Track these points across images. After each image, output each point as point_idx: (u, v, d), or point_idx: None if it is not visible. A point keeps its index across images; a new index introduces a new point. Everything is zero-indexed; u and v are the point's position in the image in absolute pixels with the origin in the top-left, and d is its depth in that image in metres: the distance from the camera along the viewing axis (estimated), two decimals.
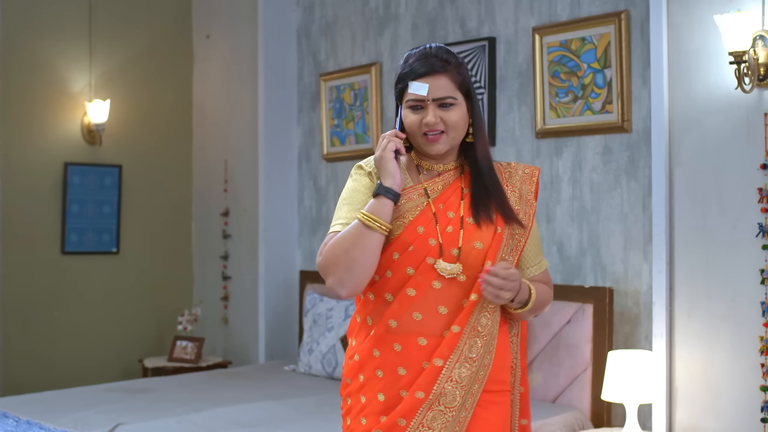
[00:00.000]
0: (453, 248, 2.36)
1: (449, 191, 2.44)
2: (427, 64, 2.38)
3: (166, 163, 6.72)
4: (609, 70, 4.40)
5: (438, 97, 2.37)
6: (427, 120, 2.37)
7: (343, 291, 2.34)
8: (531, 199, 2.48)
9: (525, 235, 2.44)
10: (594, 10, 4.51)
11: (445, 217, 2.39)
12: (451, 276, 2.35)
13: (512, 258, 2.42)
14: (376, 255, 2.34)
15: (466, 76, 2.42)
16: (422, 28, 5.35)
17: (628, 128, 4.36)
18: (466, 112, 2.41)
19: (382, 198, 2.35)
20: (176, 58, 6.77)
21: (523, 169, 2.52)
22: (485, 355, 2.35)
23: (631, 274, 4.33)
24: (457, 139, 2.41)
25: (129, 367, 6.46)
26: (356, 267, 2.32)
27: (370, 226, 2.32)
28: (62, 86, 6.22)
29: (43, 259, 6.16)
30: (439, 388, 2.30)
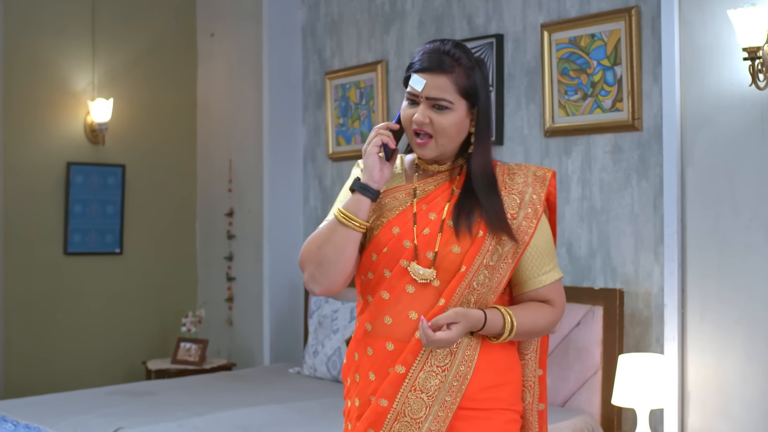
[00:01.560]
0: (429, 251, 2.25)
1: (437, 192, 2.33)
2: (432, 59, 2.26)
3: (170, 162, 6.65)
4: (619, 67, 4.32)
5: (431, 96, 2.24)
6: (415, 117, 2.26)
7: (316, 287, 2.31)
8: (538, 203, 2.30)
9: (523, 241, 2.27)
10: (604, 5, 4.43)
11: (426, 219, 2.28)
12: (423, 281, 2.24)
13: (503, 265, 2.24)
14: (350, 252, 2.28)
15: (475, 81, 2.26)
16: (429, 25, 5.27)
17: (638, 126, 4.27)
18: (463, 119, 2.26)
19: (357, 194, 2.29)
20: (180, 57, 6.71)
21: (535, 171, 2.35)
22: (459, 365, 2.22)
23: (642, 275, 4.24)
24: (447, 146, 2.28)
25: (132, 370, 6.39)
26: (326, 263, 2.27)
27: (343, 222, 2.27)
28: (65, 85, 6.16)
29: (45, 260, 6.10)
30: (403, 397, 2.22)
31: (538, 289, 2.30)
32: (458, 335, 2.16)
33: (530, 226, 2.27)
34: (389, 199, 2.34)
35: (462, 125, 2.27)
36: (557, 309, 2.33)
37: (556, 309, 2.32)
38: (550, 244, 2.32)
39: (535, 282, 2.30)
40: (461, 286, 2.21)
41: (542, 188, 2.32)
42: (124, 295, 6.43)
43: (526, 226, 2.27)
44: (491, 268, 2.23)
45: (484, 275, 2.22)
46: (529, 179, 2.32)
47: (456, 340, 2.16)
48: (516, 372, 2.33)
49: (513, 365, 2.33)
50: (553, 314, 2.31)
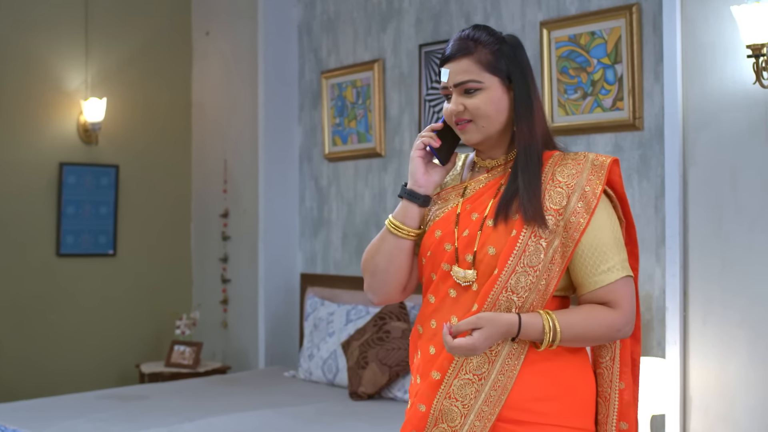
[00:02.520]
0: (468, 254, 2.15)
1: (484, 189, 2.21)
2: (452, 47, 2.18)
3: (164, 162, 6.58)
4: (620, 66, 4.24)
5: (458, 82, 2.15)
6: (450, 108, 2.18)
7: (373, 297, 2.32)
8: (591, 196, 2.09)
9: (573, 239, 2.09)
10: (604, 3, 4.35)
11: (468, 220, 2.18)
12: (466, 283, 2.14)
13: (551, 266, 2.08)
14: (400, 261, 2.26)
15: (502, 55, 2.14)
16: (426, 23, 5.19)
17: (639, 126, 4.19)
18: (500, 96, 2.14)
19: (404, 201, 2.25)
20: (175, 56, 6.63)
21: (593, 160, 2.15)
22: (498, 374, 2.09)
23: (643, 278, 4.16)
24: (490, 127, 2.16)
25: (125, 373, 6.32)
26: (379, 273, 2.27)
27: (391, 231, 2.24)
28: (57, 84, 6.09)
29: (37, 262, 6.02)
30: (439, 403, 2.12)
31: (595, 291, 2.10)
32: (483, 342, 2.03)
33: (580, 222, 2.08)
34: (440, 201, 2.27)
35: (500, 103, 2.15)
36: (620, 312, 2.10)
37: (618, 312, 2.10)
38: (610, 240, 2.11)
39: (591, 282, 2.10)
40: (494, 290, 2.08)
41: (599, 179, 2.12)
42: (117, 297, 6.34)
43: (576, 222, 2.09)
44: (534, 270, 2.08)
45: (526, 277, 2.07)
46: (584, 169, 2.13)
47: (481, 347, 2.03)
48: (580, 384, 2.16)
49: (574, 376, 2.15)
50: (612, 318, 2.10)
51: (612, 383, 2.19)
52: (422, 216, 2.26)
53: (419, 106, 5.16)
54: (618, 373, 2.19)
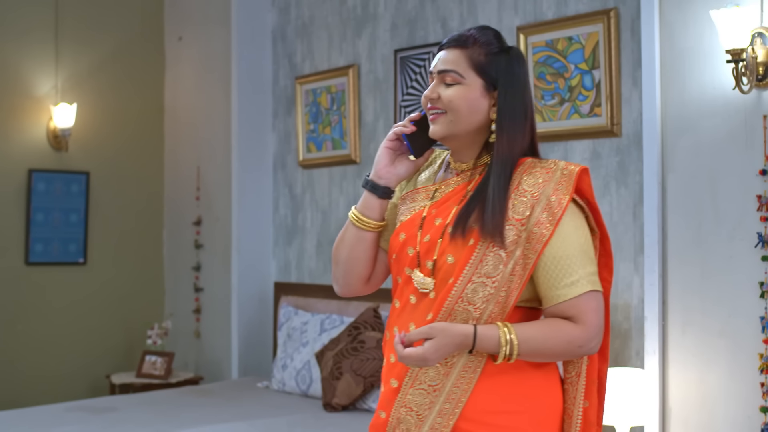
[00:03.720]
0: (428, 260, 2.10)
1: (451, 194, 2.16)
2: (453, 36, 2.16)
3: (136, 169, 6.47)
4: (597, 71, 4.19)
5: (441, 69, 2.13)
6: (425, 93, 2.15)
7: (336, 287, 2.31)
8: (557, 206, 2.02)
9: (535, 250, 2.02)
10: (581, 8, 4.30)
11: (431, 224, 2.12)
12: (424, 290, 2.09)
13: (512, 278, 2.02)
14: (360, 252, 2.24)
15: (496, 62, 2.10)
16: (402, 28, 5.13)
17: (617, 132, 4.14)
18: (477, 97, 2.10)
19: (365, 192, 2.22)
20: (147, 61, 6.53)
21: (563, 169, 2.07)
22: (453, 387, 2.04)
23: (621, 286, 4.10)
24: (458, 124, 2.11)
25: (96, 384, 6.20)
26: (341, 263, 2.27)
27: (353, 221, 2.24)
28: (26, 89, 5.98)
29: (5, 270, 5.91)
30: (396, 412, 2.09)
31: (558, 305, 2.02)
32: (434, 352, 1.97)
33: (543, 233, 2.01)
34: (409, 201, 2.23)
35: (475, 104, 2.11)
36: (583, 327, 2.01)
37: (582, 327, 2.01)
38: (576, 252, 2.03)
39: (554, 296, 2.03)
40: (450, 300, 2.03)
41: (566, 188, 2.04)
42: (87, 307, 6.23)
43: (538, 233, 2.02)
44: (493, 281, 2.01)
45: (483, 288, 2.01)
46: (552, 179, 2.06)
47: (433, 358, 1.97)
48: (545, 399, 2.10)
49: (539, 390, 2.08)
50: (573, 333, 2.01)
51: (576, 400, 2.12)
52: (384, 208, 2.24)
53: (395, 111, 5.09)
54: (583, 390, 2.12)
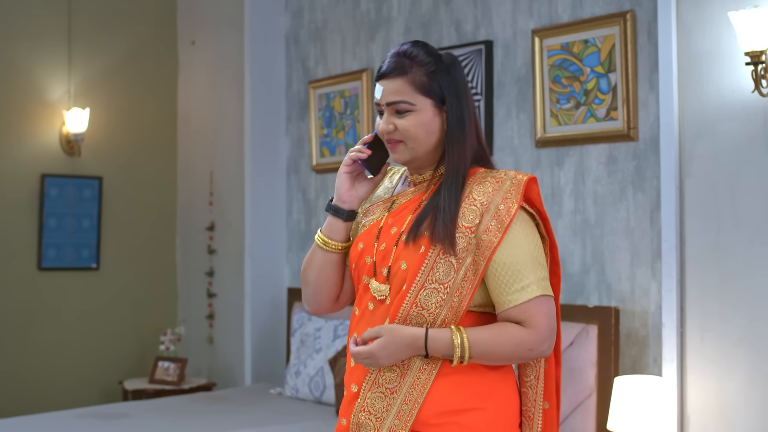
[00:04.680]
0: (384, 267, 2.17)
1: (407, 204, 2.23)
2: (389, 64, 2.18)
3: (149, 174, 6.44)
4: (614, 74, 4.13)
5: (390, 101, 2.17)
6: (380, 127, 2.20)
7: (307, 307, 2.38)
8: (505, 214, 2.09)
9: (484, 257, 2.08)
10: (597, 10, 4.24)
11: (387, 233, 2.20)
12: (381, 297, 2.17)
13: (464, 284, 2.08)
14: (328, 274, 2.30)
15: (437, 77, 2.16)
16: (415, 32, 5.08)
17: (634, 136, 4.08)
18: (431, 118, 2.16)
19: (329, 216, 2.30)
20: (160, 65, 6.51)
21: (512, 178, 2.15)
22: (410, 388, 2.10)
23: (638, 293, 4.04)
24: (419, 149, 2.18)
25: (108, 390, 6.17)
26: (310, 285, 2.33)
27: (319, 245, 2.30)
28: (39, 94, 5.96)
29: (18, 276, 5.89)
30: (356, 417, 2.15)
31: (508, 310, 2.09)
32: (381, 349, 2.07)
33: (492, 240, 2.08)
34: (370, 213, 2.31)
35: (430, 125, 2.17)
36: (533, 331, 2.07)
37: (532, 331, 2.07)
38: (526, 258, 2.10)
39: (504, 301, 2.09)
40: (404, 305, 2.10)
41: (515, 197, 2.12)
42: (100, 312, 6.20)
43: (488, 240, 2.08)
44: (445, 287, 2.09)
45: (436, 294, 2.09)
46: (501, 187, 2.13)
47: (382, 356, 2.07)
48: (501, 396, 2.15)
49: (495, 388, 2.14)
50: (522, 336, 2.07)
51: (536, 402, 2.20)
52: (349, 230, 2.30)
53: None
54: (542, 392, 2.21)
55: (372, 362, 2.08)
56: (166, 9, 6.54)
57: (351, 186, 2.28)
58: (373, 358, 2.07)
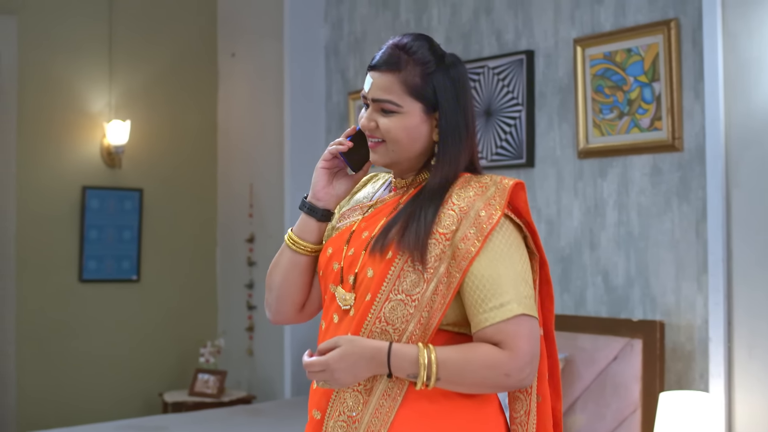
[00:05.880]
0: (350, 274, 1.94)
1: (382, 208, 2.01)
2: (383, 55, 1.97)
3: (190, 186, 6.44)
4: (658, 84, 4.05)
5: (376, 98, 1.96)
6: (361, 121, 1.99)
7: (269, 314, 2.16)
8: (486, 221, 1.85)
9: (460, 268, 1.85)
10: (640, 18, 4.17)
11: (358, 238, 1.98)
12: (346, 307, 1.93)
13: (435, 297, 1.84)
14: (296, 277, 2.07)
15: (434, 81, 1.94)
16: (456, 42, 5.03)
17: (679, 146, 4.00)
18: (418, 124, 1.94)
19: (303, 214, 2.09)
20: (200, 77, 6.51)
21: (497, 183, 1.91)
22: (372, 418, 1.85)
23: (684, 306, 3.95)
24: (400, 153, 1.97)
25: (149, 402, 6.17)
26: (274, 289, 2.10)
27: (288, 245, 2.09)
28: (80, 106, 5.98)
29: (59, 288, 5.90)
30: None
31: (484, 329, 1.83)
32: (338, 361, 1.81)
33: (470, 249, 1.84)
34: (346, 217, 2.08)
35: (416, 132, 1.95)
36: (511, 354, 1.81)
37: (509, 354, 1.82)
38: (508, 273, 1.85)
39: (480, 320, 1.83)
40: (369, 319, 1.87)
41: (498, 203, 1.88)
42: (141, 324, 6.21)
43: (464, 249, 1.84)
44: (413, 300, 1.85)
45: (403, 308, 1.85)
46: (486, 192, 1.90)
47: (338, 368, 1.81)
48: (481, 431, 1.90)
49: (471, 422, 1.88)
50: (497, 357, 1.82)
51: None
52: (322, 231, 2.09)
53: None
54: (533, 426, 1.94)
55: (328, 377, 1.83)
56: (207, 21, 6.55)
57: (328, 183, 2.06)
58: (329, 371, 1.82)
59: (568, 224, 4.42)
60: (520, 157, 4.62)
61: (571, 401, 4.10)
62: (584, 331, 4.19)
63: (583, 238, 4.35)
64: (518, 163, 4.63)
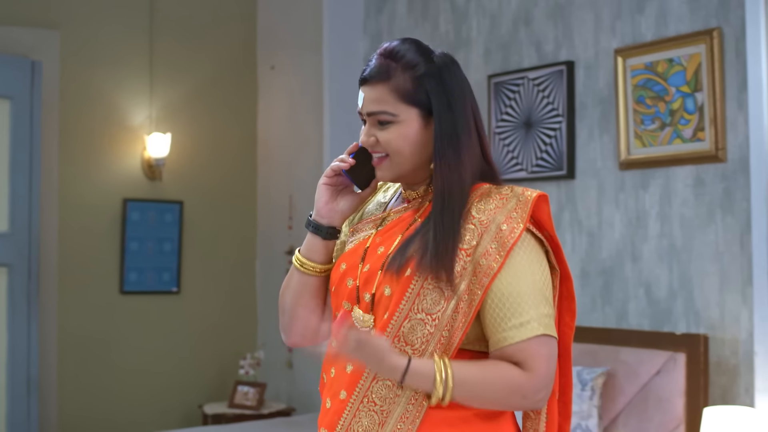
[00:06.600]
0: (367, 292, 1.87)
1: (397, 221, 1.94)
2: (371, 68, 1.92)
3: (229, 198, 6.46)
4: (700, 94, 4.00)
5: (370, 111, 1.89)
6: (361, 139, 1.94)
7: (284, 337, 2.10)
8: (509, 235, 1.79)
9: (482, 284, 1.79)
10: (682, 28, 4.12)
11: (374, 254, 1.91)
12: (364, 328, 1.85)
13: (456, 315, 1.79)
14: (308, 299, 2.01)
15: (424, 83, 1.88)
16: (495, 53, 5.01)
17: (722, 157, 3.94)
18: (418, 130, 1.88)
19: (309, 233, 2.03)
20: (240, 90, 6.53)
21: (519, 195, 1.84)
22: None
23: (728, 319, 3.89)
24: (405, 164, 1.90)
25: (189, 413, 6.18)
26: (286, 312, 2.05)
27: (296, 266, 2.03)
28: (121, 119, 6.02)
29: (100, 299, 5.93)
30: None
31: (503, 348, 1.78)
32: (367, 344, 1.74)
33: (492, 266, 1.78)
34: (358, 231, 2.01)
35: (417, 139, 1.89)
36: (530, 375, 1.77)
37: (529, 375, 1.77)
38: (529, 290, 1.79)
39: (499, 338, 1.78)
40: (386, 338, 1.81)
41: (521, 216, 1.81)
42: (181, 336, 6.22)
43: (486, 265, 1.78)
44: (433, 319, 1.79)
45: (423, 327, 1.79)
46: (507, 205, 1.83)
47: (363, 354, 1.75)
48: None
49: None
50: (517, 379, 1.77)
51: None
52: (330, 250, 2.02)
53: (489, 138, 4.96)
54: None
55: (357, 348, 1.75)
56: (246, 34, 6.57)
57: (330, 199, 2.01)
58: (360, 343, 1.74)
59: (610, 236, 4.38)
60: (561, 169, 4.58)
61: (613, 416, 4.05)
62: (626, 345, 4.14)
63: (624, 251, 4.30)
64: (559, 174, 4.59)
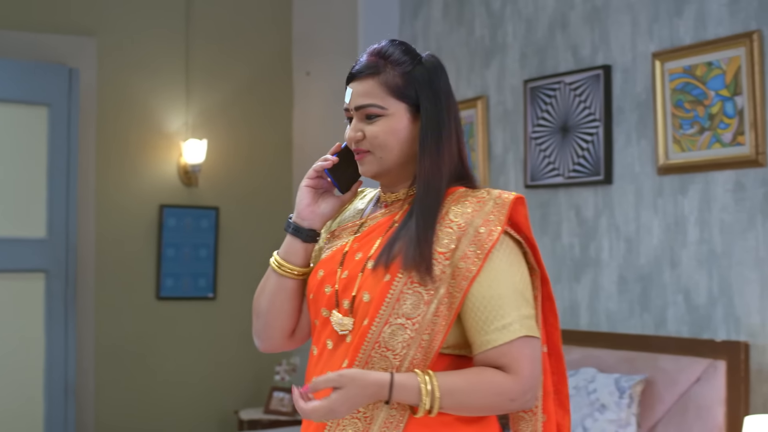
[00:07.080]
0: (346, 298, 1.86)
1: (375, 227, 1.93)
2: (360, 64, 1.95)
3: (265, 204, 6.47)
4: (740, 98, 3.95)
5: (359, 105, 1.91)
6: (347, 134, 1.95)
7: (257, 342, 2.06)
8: (486, 238, 1.79)
9: (461, 288, 1.79)
10: (721, 31, 4.07)
11: (352, 259, 1.90)
12: (343, 332, 1.85)
13: (436, 319, 1.78)
14: (283, 302, 1.98)
15: (413, 80, 1.90)
16: (531, 58, 4.97)
17: (763, 162, 3.89)
18: (405, 125, 1.90)
19: (288, 235, 2.00)
20: (275, 96, 6.55)
21: (496, 198, 1.85)
22: None
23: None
24: (389, 159, 1.91)
25: (225, 419, 6.19)
26: (261, 315, 2.01)
27: (274, 268, 2.00)
28: (158, 125, 6.06)
29: (137, 305, 5.97)
30: None
31: (486, 351, 1.78)
32: (342, 404, 1.73)
33: (470, 269, 1.78)
34: (335, 238, 2.01)
35: (403, 133, 1.91)
36: (516, 378, 1.77)
37: (514, 378, 1.77)
38: (509, 292, 1.80)
39: (482, 342, 1.78)
40: (366, 345, 1.79)
41: (498, 219, 1.82)
42: (217, 342, 6.24)
43: (465, 268, 1.78)
44: (413, 323, 1.78)
45: (403, 332, 1.78)
46: (484, 207, 1.84)
47: (341, 411, 1.73)
48: None
49: None
50: (504, 384, 1.77)
51: None
52: (309, 252, 2.00)
53: (524, 143, 4.93)
54: None
55: (330, 417, 1.75)
56: (282, 40, 6.59)
57: (312, 201, 2.00)
58: (333, 413, 1.74)
59: (648, 242, 4.33)
60: (598, 174, 4.54)
61: (651, 424, 4.00)
62: (665, 352, 4.09)
63: (663, 256, 4.25)
64: (596, 179, 4.55)
